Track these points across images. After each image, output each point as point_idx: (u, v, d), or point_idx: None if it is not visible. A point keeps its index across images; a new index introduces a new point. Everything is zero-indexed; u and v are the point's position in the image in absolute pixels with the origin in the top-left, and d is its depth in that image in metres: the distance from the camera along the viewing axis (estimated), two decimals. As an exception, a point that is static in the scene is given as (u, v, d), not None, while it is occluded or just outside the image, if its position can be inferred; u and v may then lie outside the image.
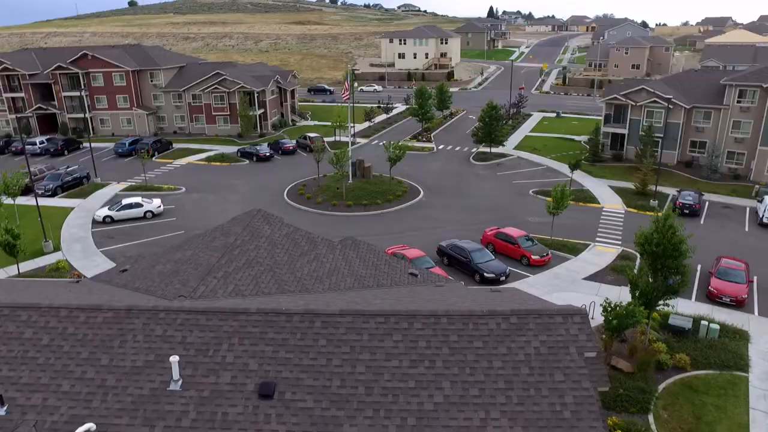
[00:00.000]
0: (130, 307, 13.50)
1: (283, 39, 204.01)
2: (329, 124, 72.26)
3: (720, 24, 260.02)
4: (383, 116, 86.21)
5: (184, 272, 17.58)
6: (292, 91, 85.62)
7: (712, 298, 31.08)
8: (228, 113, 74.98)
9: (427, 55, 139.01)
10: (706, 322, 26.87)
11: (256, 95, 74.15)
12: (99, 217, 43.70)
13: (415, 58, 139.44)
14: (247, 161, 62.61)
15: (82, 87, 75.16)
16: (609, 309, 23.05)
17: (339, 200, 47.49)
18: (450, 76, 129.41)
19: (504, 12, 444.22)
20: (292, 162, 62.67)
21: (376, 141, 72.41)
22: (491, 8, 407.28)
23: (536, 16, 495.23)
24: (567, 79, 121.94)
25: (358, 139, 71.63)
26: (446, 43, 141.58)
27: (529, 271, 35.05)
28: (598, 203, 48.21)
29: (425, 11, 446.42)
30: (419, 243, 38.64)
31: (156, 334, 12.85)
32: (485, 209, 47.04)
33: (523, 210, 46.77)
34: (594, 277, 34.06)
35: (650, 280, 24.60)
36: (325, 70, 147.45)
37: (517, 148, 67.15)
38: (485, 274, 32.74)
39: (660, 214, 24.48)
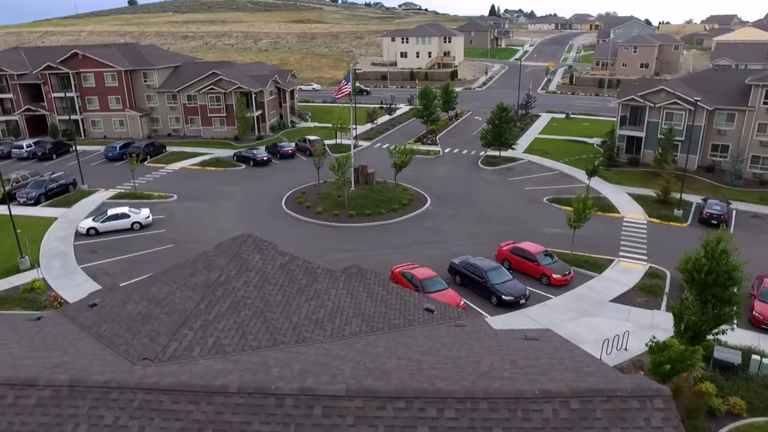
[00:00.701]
0: (74, 383, 10.39)
1: (282, 38, 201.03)
2: (330, 125, 69.44)
3: (725, 22, 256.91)
4: (386, 117, 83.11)
5: (156, 319, 14.47)
6: (292, 92, 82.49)
7: (756, 324, 27.98)
8: (224, 115, 71.89)
9: (430, 54, 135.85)
10: (758, 357, 23.73)
11: (253, 96, 71.04)
12: (82, 229, 40.59)
13: (417, 57, 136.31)
14: (244, 166, 59.50)
15: (72, 87, 72.08)
16: (657, 349, 19.92)
17: (340, 210, 44.39)
18: (454, 75, 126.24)
19: (506, 10, 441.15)
20: (291, 167, 59.57)
21: (379, 144, 69.32)
22: (493, 6, 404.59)
23: (538, 14, 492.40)
24: (574, 79, 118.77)
25: (360, 142, 68.54)
26: (450, 41, 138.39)
27: (550, 291, 31.95)
28: (618, 212, 45.06)
29: (426, 10, 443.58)
30: (428, 259, 35.56)
31: (105, 423, 9.74)
32: (497, 219, 43.93)
33: (538, 220, 43.65)
34: (622, 299, 30.94)
35: (697, 309, 21.48)
36: (326, 69, 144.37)
37: (527, 151, 64.01)
38: (503, 296, 29.62)
39: (710, 237, 21.29)
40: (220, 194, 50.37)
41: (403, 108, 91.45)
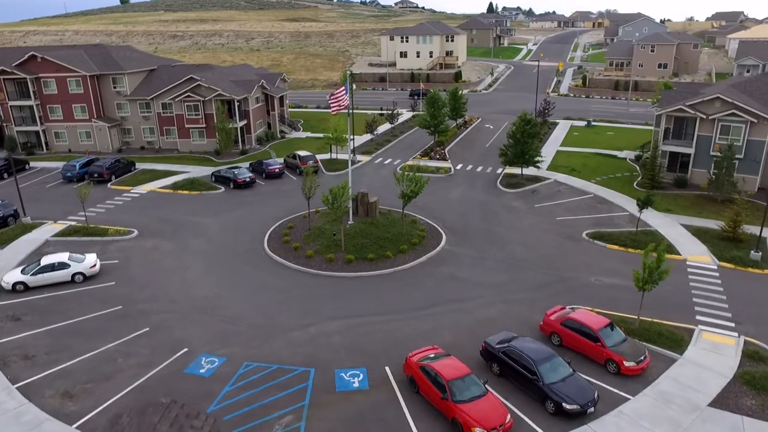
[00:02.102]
0: None
1: (275, 37, 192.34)
2: (324, 136, 60.99)
3: (732, 19, 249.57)
4: (387, 125, 74.47)
5: None
6: (281, 98, 73.77)
7: None
8: (204, 126, 63.15)
9: (431, 53, 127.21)
10: None
11: (236, 104, 62.29)
12: (7, 285, 31.86)
13: (418, 57, 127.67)
14: (222, 189, 50.78)
15: (31, 95, 63.28)
16: None
17: (336, 251, 35.79)
18: (458, 77, 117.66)
19: (504, 8, 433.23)
20: (278, 189, 50.89)
21: (380, 159, 60.65)
22: (491, 4, 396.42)
23: (536, 12, 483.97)
24: (587, 80, 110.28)
25: (358, 157, 59.92)
26: (452, 40, 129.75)
27: (621, 385, 23.41)
28: (678, 254, 36.53)
29: (423, 8, 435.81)
30: (451, 330, 27.23)
31: None
32: (530, 264, 35.38)
33: (581, 264, 35.15)
34: (725, 401, 22.40)
35: None
36: (320, 70, 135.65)
37: (550, 168, 55.47)
38: (565, 405, 21.05)
39: None
40: (191, 228, 41.65)
41: (405, 114, 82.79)
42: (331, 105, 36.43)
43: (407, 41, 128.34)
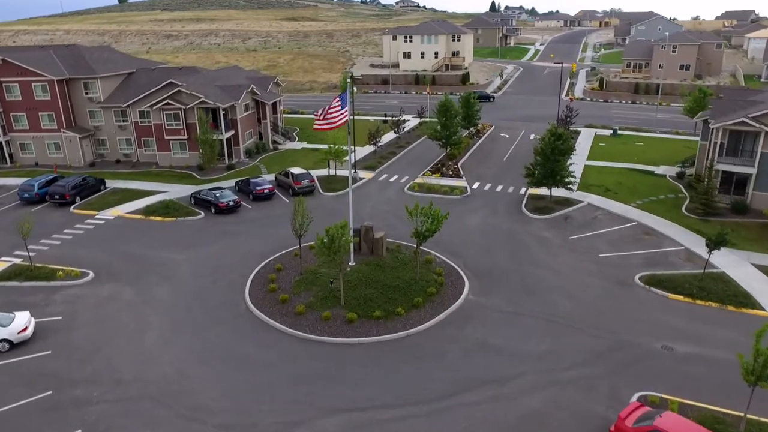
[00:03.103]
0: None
1: (273, 36, 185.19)
2: (323, 147, 53.99)
3: (743, 17, 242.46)
4: (391, 135, 67.24)
5: None
6: (274, 105, 66.53)
7: None
8: (185, 137, 55.91)
9: (436, 54, 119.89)
10: None
11: (222, 113, 55.06)
12: None
13: (422, 57, 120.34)
14: (202, 214, 43.51)
15: (-10, 103, 56.13)
16: None
17: (334, 305, 28.60)
18: (465, 79, 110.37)
19: (506, 7, 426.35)
20: (268, 214, 43.63)
21: (385, 175, 53.37)
22: (493, 3, 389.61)
23: (539, 11, 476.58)
24: (605, 83, 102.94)
25: (360, 174, 52.70)
26: (459, 40, 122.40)
27: None
28: (760, 308, 29.26)
29: (424, 7, 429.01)
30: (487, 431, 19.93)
31: None
32: (577, 321, 28.16)
33: (640, 321, 27.98)
34: None
35: None
36: (319, 71, 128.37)
37: (581, 188, 48.19)
38: None
39: None
40: (159, 268, 34.41)
41: (411, 121, 75.58)
42: (320, 125, 28.95)
43: (411, 41, 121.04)
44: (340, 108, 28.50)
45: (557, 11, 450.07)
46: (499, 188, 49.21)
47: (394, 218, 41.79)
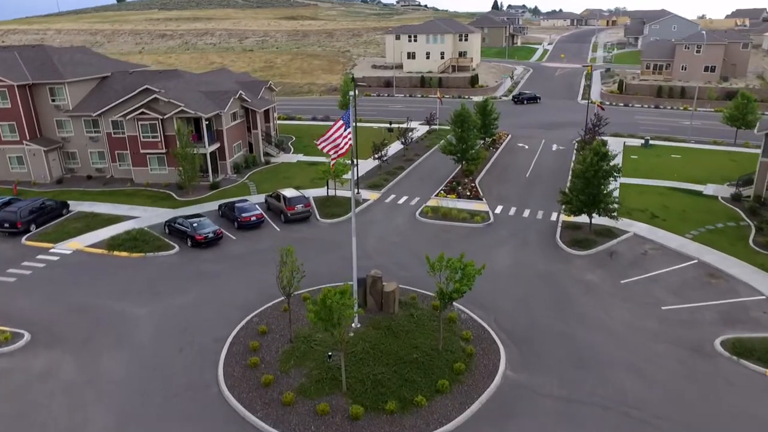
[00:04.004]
0: None
1: (271, 36, 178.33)
2: (321, 160, 47.30)
3: (755, 16, 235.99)
4: (397, 144, 60.28)
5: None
6: (267, 112, 59.58)
7: None
8: (163, 151, 48.99)
9: (443, 54, 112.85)
10: None
11: (205, 123, 48.10)
12: None
13: (428, 58, 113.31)
14: (177, 248, 36.53)
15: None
16: None
17: (333, 391, 21.66)
18: (474, 81, 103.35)
19: (509, 6, 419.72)
20: (254, 248, 36.67)
21: (393, 196, 46.37)
22: (496, 2, 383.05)
23: (542, 10, 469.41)
24: (624, 86, 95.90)
25: (364, 194, 45.74)
26: (466, 39, 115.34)
27: None
28: None
29: (425, 6, 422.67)
30: None
31: None
32: (655, 414, 21.20)
33: (737, 415, 21.06)
34: None
35: None
36: (318, 73, 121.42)
37: (621, 213, 40.95)
38: None
39: None
40: (115, 328, 27.47)
41: (419, 129, 68.58)
42: (325, 149, 22.03)
43: (415, 40, 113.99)
44: (342, 129, 21.49)
45: (561, 10, 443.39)
46: (526, 213, 42.21)
47: (406, 254, 34.92)
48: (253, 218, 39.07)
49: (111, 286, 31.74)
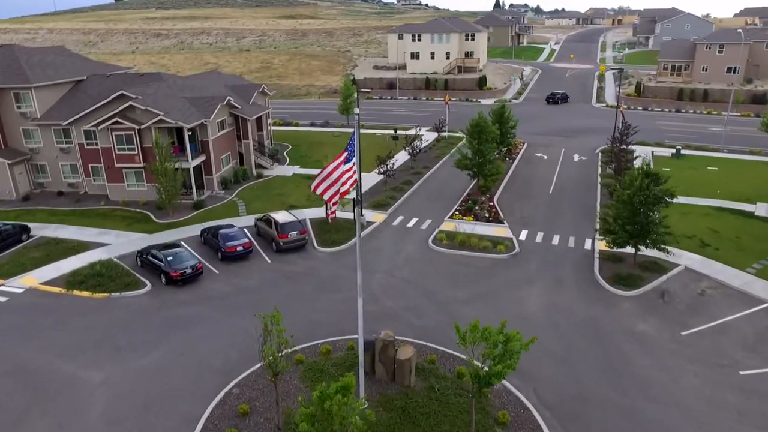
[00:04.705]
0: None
1: (269, 35, 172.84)
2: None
3: (765, 14, 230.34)
4: (402, 154, 54.70)
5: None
6: (259, 119, 54.00)
7: None
8: (141, 165, 43.38)
9: (448, 54, 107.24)
10: None
11: (187, 134, 42.48)
12: None
13: (432, 58, 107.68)
14: (148, 285, 30.94)
15: None
16: None
17: None
18: (482, 83, 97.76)
19: (511, 5, 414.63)
20: (240, 287, 31.05)
21: (401, 217, 40.73)
22: (497, 1, 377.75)
23: (545, 9, 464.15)
24: (643, 88, 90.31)
25: (368, 215, 40.11)
26: (473, 39, 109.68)
27: None
28: None
29: (426, 5, 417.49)
30: None
31: None
32: None
33: None
34: None
35: None
36: (317, 74, 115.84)
37: (668, 241, 35.42)
38: None
39: None
40: (59, 402, 21.89)
41: (426, 135, 63.05)
42: (324, 194, 16.29)
43: (419, 40, 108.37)
44: (345, 164, 15.86)
45: (563, 9, 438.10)
46: (556, 239, 36.59)
47: (420, 295, 29.36)
48: (240, 248, 33.45)
49: (64, 337, 26.16)
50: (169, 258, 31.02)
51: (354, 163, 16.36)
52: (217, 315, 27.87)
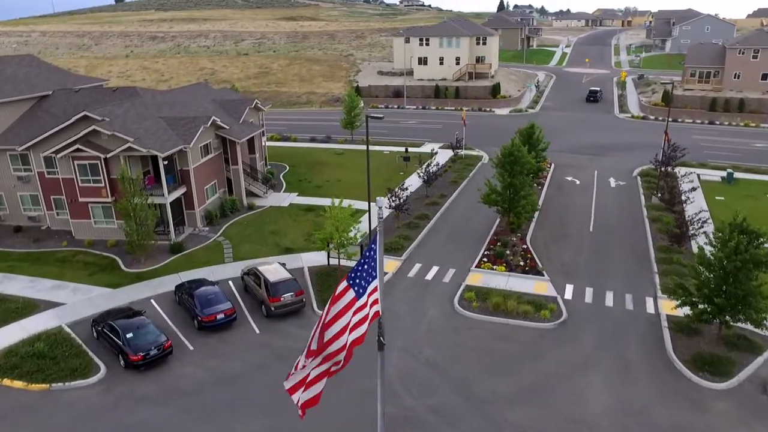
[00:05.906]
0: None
1: (269, 38, 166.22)
2: (321, 203, 35.47)
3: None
4: (414, 179, 48.00)
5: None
6: (251, 141, 47.27)
7: None
8: (109, 198, 36.63)
9: (458, 60, 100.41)
10: None
11: (162, 163, 35.71)
12: None
13: (441, 64, 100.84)
14: (102, 369, 24.18)
15: None
16: None
17: None
18: (495, 90, 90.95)
19: (515, 6, 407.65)
20: (219, 374, 24.25)
21: (418, 265, 33.86)
22: (501, 2, 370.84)
23: (549, 10, 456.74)
24: (671, 97, 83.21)
25: (377, 263, 33.27)
26: (484, 43, 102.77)
27: None
28: None
29: (429, 6, 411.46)
30: None
31: None
32: None
33: None
34: None
35: None
36: (318, 80, 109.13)
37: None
38: None
39: None
40: None
41: (438, 152, 56.20)
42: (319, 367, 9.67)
43: (427, 44, 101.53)
44: (357, 301, 9.17)
45: (569, 10, 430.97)
46: (609, 299, 29.75)
47: (448, 388, 22.61)
48: (221, 316, 26.66)
49: (-23, 459, 19.48)
50: (129, 335, 24.23)
51: (376, 288, 9.57)
52: (186, 423, 21.09)
